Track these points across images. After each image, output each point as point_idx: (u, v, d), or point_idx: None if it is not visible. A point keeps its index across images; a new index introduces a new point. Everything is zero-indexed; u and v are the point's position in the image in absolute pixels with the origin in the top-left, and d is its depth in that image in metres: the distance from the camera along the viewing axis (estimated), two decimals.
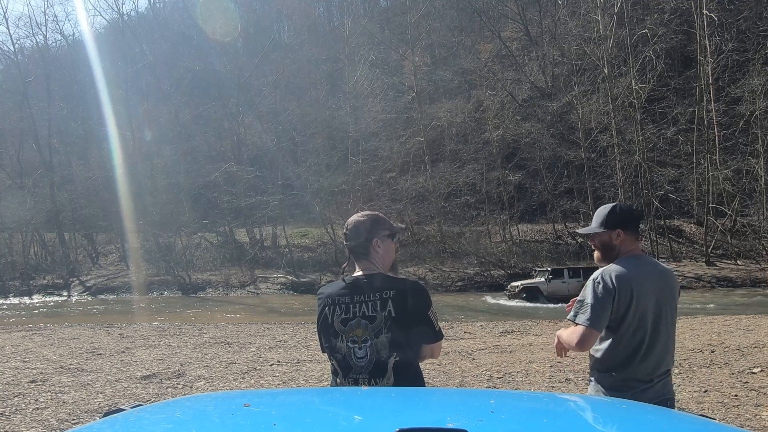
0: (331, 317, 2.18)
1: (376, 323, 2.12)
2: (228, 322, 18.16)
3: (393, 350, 2.11)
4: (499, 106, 35.06)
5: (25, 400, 6.40)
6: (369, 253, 2.25)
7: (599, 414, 1.42)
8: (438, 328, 2.20)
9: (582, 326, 2.44)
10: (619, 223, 2.58)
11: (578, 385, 6.63)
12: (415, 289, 2.17)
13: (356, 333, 2.14)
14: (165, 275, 33.59)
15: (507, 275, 29.12)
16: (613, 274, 2.46)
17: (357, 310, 2.15)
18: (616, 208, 2.62)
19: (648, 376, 2.48)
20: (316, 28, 54.03)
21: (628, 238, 2.57)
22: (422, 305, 2.16)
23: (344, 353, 2.15)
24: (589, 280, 2.52)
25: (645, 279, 2.49)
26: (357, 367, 2.13)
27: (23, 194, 37.91)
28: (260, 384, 7.31)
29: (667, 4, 31.89)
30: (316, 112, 39.91)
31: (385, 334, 2.11)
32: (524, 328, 12.77)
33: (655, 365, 2.49)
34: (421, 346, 2.20)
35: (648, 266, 2.55)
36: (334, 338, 2.17)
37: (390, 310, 2.11)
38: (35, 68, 44.53)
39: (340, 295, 2.19)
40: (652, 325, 2.48)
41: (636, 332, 2.46)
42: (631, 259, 2.54)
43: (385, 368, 2.12)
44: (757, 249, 27.53)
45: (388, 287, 2.15)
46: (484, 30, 43.54)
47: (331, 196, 35.52)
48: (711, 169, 27.98)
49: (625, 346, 2.48)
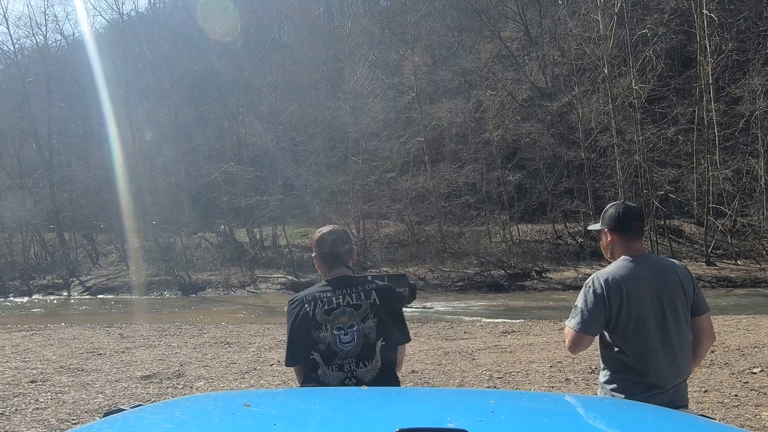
0: (312, 311, 2.25)
1: (362, 310, 2.23)
2: (228, 322, 18.16)
3: (380, 334, 2.21)
4: (499, 106, 35.04)
5: (25, 400, 6.40)
6: (349, 259, 2.44)
7: (599, 414, 1.42)
8: (407, 330, 2.37)
9: (572, 330, 2.45)
10: (607, 223, 2.54)
11: (578, 385, 6.63)
12: (390, 288, 2.36)
13: (341, 320, 2.21)
14: (165, 275, 33.57)
15: (507, 275, 29.14)
16: (602, 278, 2.43)
17: (341, 301, 2.25)
18: (607, 208, 2.59)
19: (660, 381, 2.38)
20: (316, 28, 54.01)
21: (619, 239, 2.51)
22: (397, 303, 2.36)
23: (329, 341, 2.21)
24: (584, 284, 2.51)
25: (639, 280, 2.40)
26: (343, 352, 2.19)
27: (23, 194, 37.90)
28: (260, 384, 7.31)
29: (667, 4, 31.88)
30: (316, 112, 39.89)
31: (372, 319, 2.22)
32: (524, 328, 12.78)
33: (668, 371, 2.38)
34: (398, 340, 2.32)
35: (645, 267, 2.46)
36: (315, 330, 2.22)
37: (374, 299, 2.25)
38: (35, 68, 44.51)
39: (321, 291, 2.31)
40: (657, 328, 2.38)
41: (636, 336, 2.39)
42: (626, 260, 2.47)
43: (373, 350, 2.20)
44: (757, 249, 27.52)
45: (369, 282, 2.34)
46: (484, 30, 43.54)
47: (331, 196, 35.51)
48: (711, 169, 27.97)
49: (629, 350, 2.41)
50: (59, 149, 43.41)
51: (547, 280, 28.49)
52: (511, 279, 28.81)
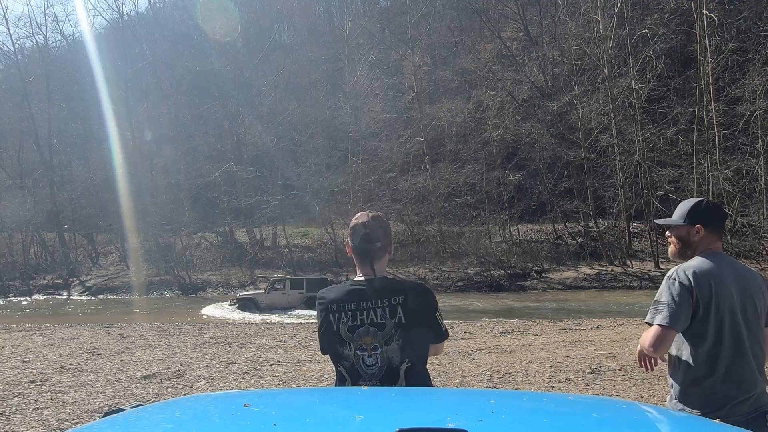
0: (336, 324, 2.12)
1: (385, 331, 2.08)
2: (228, 322, 18.18)
3: (404, 356, 2.09)
4: (499, 106, 35.04)
5: (25, 400, 6.40)
6: (382, 257, 2.22)
7: (599, 414, 1.42)
8: (444, 329, 2.20)
9: (657, 326, 2.25)
10: (701, 218, 2.40)
11: (578, 385, 6.63)
12: (422, 293, 2.17)
13: (365, 341, 2.09)
14: (165, 275, 33.59)
15: (507, 275, 29.14)
16: (689, 270, 2.29)
17: (365, 318, 2.10)
18: (701, 203, 2.46)
19: (742, 387, 2.25)
20: (316, 28, 54.01)
21: (708, 236, 2.40)
22: (429, 308, 2.15)
23: (352, 361, 2.11)
24: (665, 278, 2.36)
25: (725, 277, 2.29)
26: (367, 374, 2.10)
27: (23, 194, 37.92)
28: (260, 384, 7.31)
29: (667, 4, 31.88)
30: (316, 112, 39.89)
31: (396, 342, 2.08)
32: (524, 328, 12.78)
33: (747, 376, 2.26)
34: (428, 346, 2.20)
35: (727, 265, 2.35)
36: (340, 346, 2.12)
37: (400, 317, 2.08)
38: (35, 68, 44.54)
39: (344, 301, 2.14)
40: (737, 329, 2.26)
41: (719, 336, 2.26)
42: (710, 255, 2.36)
43: (397, 375, 2.09)
44: (757, 249, 27.52)
45: (396, 293, 2.12)
46: (484, 30, 43.55)
47: (331, 196, 35.51)
48: (711, 169, 27.96)
49: (709, 351, 2.27)
50: (59, 149, 43.43)
51: (547, 280, 28.48)
52: (511, 279, 28.80)
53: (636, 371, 7.08)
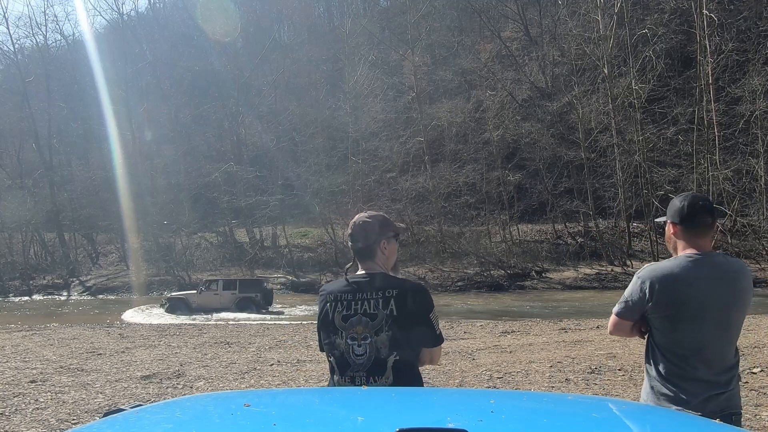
0: (332, 313, 2.17)
1: (377, 321, 2.11)
2: (227, 322, 18.17)
3: (393, 349, 2.10)
4: (499, 106, 35.03)
5: (25, 400, 6.40)
6: (375, 255, 2.25)
7: (599, 414, 1.42)
8: (439, 332, 2.19)
9: (613, 314, 2.48)
10: (673, 214, 2.39)
11: (578, 385, 6.63)
12: (417, 291, 2.17)
13: (356, 330, 2.13)
14: (165, 275, 33.59)
15: (507, 275, 29.13)
16: (653, 271, 2.33)
17: (358, 307, 2.14)
18: (678, 199, 2.42)
19: (710, 386, 2.25)
20: (316, 28, 54.00)
21: (685, 234, 2.37)
22: (424, 307, 2.16)
23: (342, 350, 2.14)
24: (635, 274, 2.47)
25: (696, 280, 2.26)
26: (355, 364, 2.12)
27: (23, 194, 37.91)
28: (260, 384, 7.31)
29: (667, 4, 31.87)
30: (316, 112, 39.88)
31: (386, 333, 2.10)
32: (524, 328, 12.79)
33: (713, 377, 2.26)
34: (421, 348, 2.20)
35: (706, 266, 2.30)
36: (333, 335, 2.16)
37: (392, 309, 2.11)
38: (35, 68, 44.54)
39: (342, 292, 2.19)
40: (704, 330, 2.26)
41: (687, 336, 2.27)
42: (687, 257, 2.33)
43: (384, 366, 2.11)
44: (757, 249, 27.53)
45: (391, 286, 2.15)
46: (484, 30, 43.54)
47: (331, 196, 35.49)
48: (711, 169, 27.96)
49: (675, 352, 2.30)
50: (59, 149, 43.42)
51: (547, 280, 28.48)
52: (511, 279, 28.80)
53: (636, 371, 7.08)
